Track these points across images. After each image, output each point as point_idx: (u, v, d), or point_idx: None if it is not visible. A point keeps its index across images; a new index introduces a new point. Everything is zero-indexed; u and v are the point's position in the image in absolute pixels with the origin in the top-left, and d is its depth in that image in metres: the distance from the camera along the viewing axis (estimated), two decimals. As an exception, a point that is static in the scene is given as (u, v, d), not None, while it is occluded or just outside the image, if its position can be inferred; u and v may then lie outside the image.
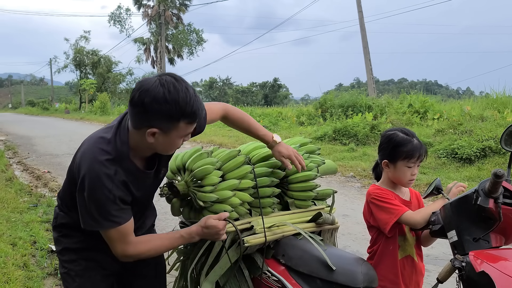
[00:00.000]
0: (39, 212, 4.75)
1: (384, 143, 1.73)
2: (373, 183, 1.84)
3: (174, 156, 1.79)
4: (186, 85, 1.33)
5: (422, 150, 1.66)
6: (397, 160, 1.66)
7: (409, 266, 1.70)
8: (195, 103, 1.33)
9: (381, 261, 1.70)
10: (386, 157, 1.71)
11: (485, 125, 7.91)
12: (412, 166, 1.66)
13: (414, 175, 1.68)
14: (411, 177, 1.68)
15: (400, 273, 1.67)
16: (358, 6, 18.75)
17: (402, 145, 1.65)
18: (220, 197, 1.64)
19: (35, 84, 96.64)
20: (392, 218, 1.62)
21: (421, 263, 1.75)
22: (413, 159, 1.64)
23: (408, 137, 1.67)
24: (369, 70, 18.69)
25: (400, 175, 1.68)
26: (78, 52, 37.02)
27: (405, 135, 1.68)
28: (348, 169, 7.35)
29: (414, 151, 1.64)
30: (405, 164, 1.65)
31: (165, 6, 33.54)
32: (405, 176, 1.67)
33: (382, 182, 1.78)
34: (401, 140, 1.66)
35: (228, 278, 1.68)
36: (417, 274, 1.73)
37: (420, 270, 1.73)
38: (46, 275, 3.23)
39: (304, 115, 13.71)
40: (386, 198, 1.66)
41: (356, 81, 68.38)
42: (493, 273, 1.11)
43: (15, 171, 7.74)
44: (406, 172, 1.66)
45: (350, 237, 4.07)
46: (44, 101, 49.52)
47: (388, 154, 1.70)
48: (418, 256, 1.74)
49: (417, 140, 1.67)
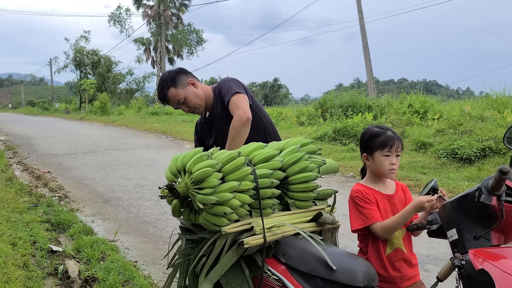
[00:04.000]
0: (39, 212, 4.75)
1: (361, 138, 1.84)
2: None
3: (174, 158, 1.81)
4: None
5: (395, 139, 1.76)
6: (374, 151, 1.76)
7: (399, 259, 1.74)
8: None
9: (370, 256, 1.75)
10: (364, 150, 1.81)
11: (485, 125, 7.91)
12: (389, 155, 1.75)
13: (394, 164, 1.76)
14: (391, 167, 1.76)
15: (389, 268, 1.70)
16: (358, 6, 18.77)
17: (376, 137, 1.76)
18: (220, 199, 1.65)
19: (35, 84, 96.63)
20: (361, 224, 1.72)
21: (410, 254, 1.79)
22: (387, 148, 1.74)
23: (382, 130, 1.78)
24: (369, 70, 18.70)
25: (379, 165, 1.77)
26: (78, 52, 36.97)
27: (380, 128, 1.80)
28: (348, 169, 7.35)
29: (387, 140, 1.74)
30: (381, 153, 1.75)
31: (165, 6, 33.55)
32: (384, 166, 1.76)
33: (366, 178, 1.86)
34: (375, 133, 1.78)
35: (228, 277, 1.68)
36: (409, 265, 1.77)
37: (410, 261, 1.78)
38: (46, 275, 3.23)
39: (304, 115, 13.71)
40: (364, 202, 1.74)
41: (356, 81, 68.33)
42: (493, 271, 1.11)
43: (15, 171, 7.74)
44: (384, 162, 1.75)
45: (350, 237, 4.07)
46: (44, 101, 49.55)
47: (365, 147, 1.80)
48: (407, 247, 1.78)
49: (391, 132, 1.78)
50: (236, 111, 2.25)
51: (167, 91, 2.38)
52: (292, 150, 1.90)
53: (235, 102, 2.30)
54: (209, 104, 2.49)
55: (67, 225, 4.42)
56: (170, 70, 2.51)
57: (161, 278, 3.29)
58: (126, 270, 3.16)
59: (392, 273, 1.72)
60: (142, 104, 26.82)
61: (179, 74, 2.42)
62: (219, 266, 1.65)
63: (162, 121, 18.81)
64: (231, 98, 2.31)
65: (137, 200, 5.77)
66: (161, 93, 2.41)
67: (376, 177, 1.82)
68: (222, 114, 2.42)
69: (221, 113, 2.42)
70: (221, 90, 2.43)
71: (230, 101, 2.31)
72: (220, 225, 1.66)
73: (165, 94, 2.39)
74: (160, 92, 2.41)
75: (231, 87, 2.37)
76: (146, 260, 3.72)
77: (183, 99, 2.39)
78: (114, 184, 6.80)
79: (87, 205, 5.60)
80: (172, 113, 21.82)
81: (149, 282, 3.08)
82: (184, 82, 2.41)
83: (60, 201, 5.64)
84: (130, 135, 14.96)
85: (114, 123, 20.90)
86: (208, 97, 2.48)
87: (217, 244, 1.67)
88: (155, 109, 23.44)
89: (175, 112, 21.72)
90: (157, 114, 21.97)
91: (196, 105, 2.44)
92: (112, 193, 6.24)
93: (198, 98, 2.43)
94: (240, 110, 2.25)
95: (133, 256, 3.79)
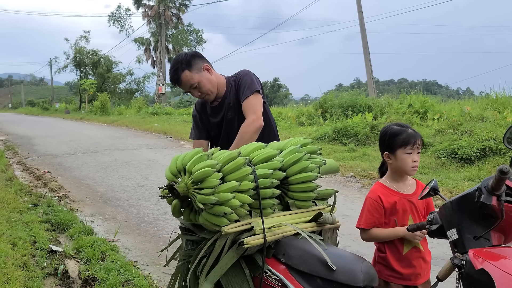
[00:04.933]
0: (39, 212, 4.75)
1: (382, 136, 1.86)
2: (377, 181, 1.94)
3: (175, 158, 1.80)
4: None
5: (417, 137, 1.78)
6: (396, 149, 1.78)
7: (416, 257, 1.80)
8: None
9: (388, 255, 1.81)
10: (385, 149, 1.83)
11: (485, 125, 7.91)
12: (411, 153, 1.77)
13: (416, 161, 1.79)
14: (413, 164, 1.78)
15: (407, 266, 1.75)
16: (358, 6, 18.77)
17: (398, 135, 1.78)
18: (219, 199, 1.65)
19: (35, 84, 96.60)
20: (362, 226, 1.87)
21: (427, 250, 1.85)
22: (409, 145, 1.76)
23: (402, 128, 1.80)
24: (369, 70, 18.70)
25: (402, 163, 1.79)
26: (78, 52, 36.94)
27: (400, 126, 1.82)
28: (348, 169, 7.35)
29: (409, 138, 1.76)
30: (403, 151, 1.77)
31: (165, 6, 33.55)
32: (407, 164, 1.78)
33: (387, 177, 1.89)
34: (396, 131, 1.80)
35: (229, 277, 1.68)
36: (425, 262, 1.83)
37: (425, 258, 1.84)
38: (46, 275, 3.23)
39: (304, 115, 13.70)
40: (373, 209, 1.82)
41: (356, 81, 68.30)
42: (493, 271, 1.11)
43: (15, 171, 7.74)
44: (407, 159, 1.77)
45: (350, 237, 4.07)
46: (44, 101, 49.53)
47: (387, 146, 1.82)
48: (423, 245, 1.85)
49: (411, 130, 1.80)
50: (251, 115, 2.24)
51: (181, 72, 2.32)
52: (292, 150, 1.90)
53: (253, 104, 2.27)
54: (220, 92, 2.44)
55: (67, 225, 4.42)
56: (186, 52, 2.45)
57: (161, 278, 3.29)
58: (126, 270, 3.16)
59: (409, 271, 1.77)
60: (142, 104, 26.81)
61: (194, 57, 2.37)
62: (219, 266, 1.65)
63: (162, 121, 18.81)
64: (251, 96, 2.29)
65: (137, 200, 5.77)
66: (175, 74, 2.33)
67: (398, 175, 1.85)
68: (234, 105, 2.38)
69: (234, 104, 2.39)
70: (241, 81, 2.38)
71: (248, 99, 2.29)
72: (220, 225, 1.66)
73: (178, 75, 2.32)
74: (174, 73, 2.33)
75: (253, 82, 2.34)
76: (146, 260, 3.72)
77: (196, 83, 2.34)
78: (114, 184, 6.80)
79: (87, 205, 5.60)
80: (172, 113, 21.83)
81: (149, 282, 3.08)
82: (200, 66, 2.35)
83: (60, 201, 5.64)
84: (130, 135, 14.96)
85: (114, 123, 20.90)
86: (221, 86, 2.43)
87: (217, 244, 1.67)
88: (155, 109, 23.43)
89: (175, 112, 21.74)
90: (157, 114, 21.96)
91: (209, 91, 2.38)
92: (112, 193, 6.24)
93: (212, 84, 2.38)
94: (255, 115, 2.23)
95: (133, 256, 3.79)
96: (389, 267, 1.81)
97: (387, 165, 1.89)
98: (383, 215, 1.82)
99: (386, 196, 1.81)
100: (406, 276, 1.77)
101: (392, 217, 1.83)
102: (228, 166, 1.74)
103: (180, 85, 2.38)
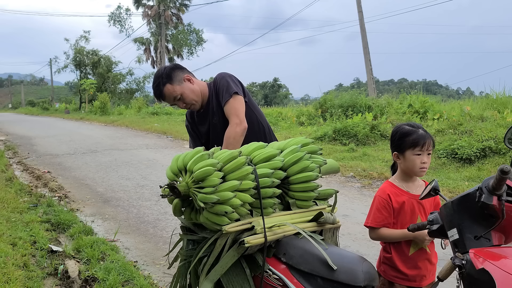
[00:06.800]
0: (39, 212, 4.75)
1: (392, 136, 1.84)
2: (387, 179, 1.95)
3: (176, 158, 1.81)
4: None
5: (427, 138, 1.75)
6: (405, 150, 1.77)
7: (423, 259, 1.79)
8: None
9: (394, 256, 1.80)
10: (395, 149, 1.82)
11: (485, 125, 7.91)
12: (420, 154, 1.75)
13: (425, 163, 1.77)
14: (422, 165, 1.77)
15: (413, 267, 1.75)
16: (358, 6, 18.77)
17: (408, 135, 1.76)
18: (220, 198, 1.65)
19: (35, 84, 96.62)
20: (370, 224, 1.85)
21: (433, 252, 1.85)
22: (419, 147, 1.74)
23: (413, 128, 1.78)
24: (369, 70, 18.70)
25: (410, 164, 1.77)
26: (78, 52, 36.94)
27: (411, 127, 1.79)
28: (348, 169, 7.35)
29: (419, 139, 1.74)
30: (412, 152, 1.75)
31: (165, 6, 33.55)
32: (415, 165, 1.76)
33: (397, 176, 1.88)
34: (406, 131, 1.77)
35: (229, 276, 1.68)
36: (431, 264, 1.83)
37: (431, 260, 1.83)
38: (46, 275, 3.23)
39: (304, 115, 13.70)
40: (382, 207, 1.80)
41: (356, 81, 68.31)
42: (493, 271, 1.11)
43: (15, 171, 7.74)
44: (416, 161, 1.76)
45: (350, 237, 4.08)
46: (44, 101, 49.48)
47: (396, 146, 1.80)
48: (430, 247, 1.84)
49: (422, 130, 1.77)
50: (234, 119, 2.25)
51: (163, 87, 2.35)
52: (293, 150, 1.90)
53: (234, 107, 2.28)
54: (205, 100, 2.46)
55: (67, 225, 4.42)
56: (165, 66, 2.47)
57: (161, 278, 3.29)
58: (126, 270, 3.16)
59: (414, 272, 1.75)
60: (142, 104, 26.80)
61: (174, 70, 2.39)
62: (220, 265, 1.65)
63: (162, 121, 18.81)
64: (230, 100, 2.30)
65: (137, 200, 5.77)
66: (157, 89, 2.37)
67: (407, 176, 1.84)
68: (217, 110, 2.40)
69: (217, 109, 2.41)
70: (218, 86, 2.39)
71: (228, 103, 2.30)
72: (221, 224, 1.66)
73: (161, 90, 2.36)
74: (156, 88, 2.38)
75: (230, 85, 2.35)
76: (146, 260, 3.72)
77: (179, 95, 2.36)
78: (114, 184, 6.80)
79: (87, 205, 5.60)
80: (172, 113, 21.81)
81: (149, 282, 3.08)
82: (180, 78, 2.38)
83: (60, 201, 5.64)
84: (130, 135, 14.96)
85: (114, 123, 20.89)
86: (204, 93, 2.45)
87: (218, 243, 1.67)
88: (155, 109, 23.43)
89: (175, 112, 21.71)
90: (157, 114, 21.96)
91: (193, 101, 2.41)
92: (112, 193, 6.24)
93: (195, 94, 2.40)
94: (237, 119, 2.25)
95: (133, 256, 3.79)
96: (394, 268, 1.80)
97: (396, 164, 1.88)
98: (391, 214, 1.81)
99: (395, 195, 1.80)
100: (411, 277, 1.76)
101: (400, 217, 1.83)
102: (229, 165, 1.75)
103: (164, 99, 2.41)
